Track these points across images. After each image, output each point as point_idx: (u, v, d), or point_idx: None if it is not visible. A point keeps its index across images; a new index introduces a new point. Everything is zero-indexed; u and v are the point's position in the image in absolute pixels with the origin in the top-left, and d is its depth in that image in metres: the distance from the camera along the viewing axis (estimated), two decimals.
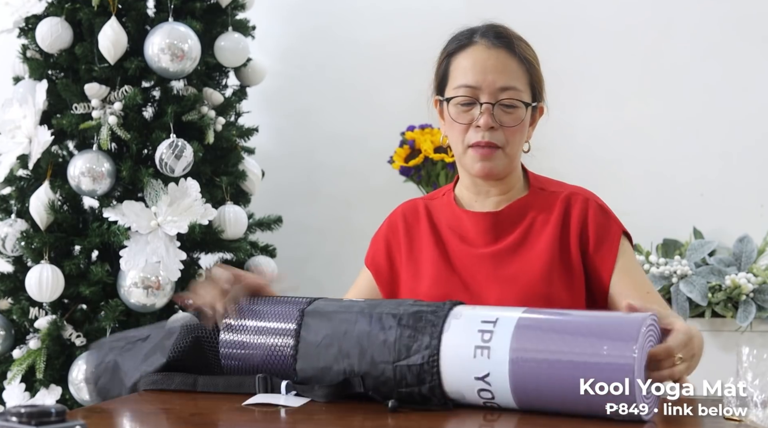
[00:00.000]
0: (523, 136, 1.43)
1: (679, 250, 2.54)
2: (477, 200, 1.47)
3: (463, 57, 1.43)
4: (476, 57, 1.42)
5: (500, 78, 1.40)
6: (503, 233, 1.43)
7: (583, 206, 1.43)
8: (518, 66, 1.42)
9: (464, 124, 1.41)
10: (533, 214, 1.44)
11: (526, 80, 1.42)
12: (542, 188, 1.47)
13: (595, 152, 2.61)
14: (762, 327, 2.33)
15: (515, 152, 1.43)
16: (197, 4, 2.35)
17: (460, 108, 1.41)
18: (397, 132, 2.62)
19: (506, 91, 1.40)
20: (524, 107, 1.41)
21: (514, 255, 1.41)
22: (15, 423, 0.75)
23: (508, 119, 1.40)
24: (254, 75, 2.52)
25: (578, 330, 1.04)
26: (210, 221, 2.24)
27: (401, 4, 2.88)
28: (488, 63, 1.41)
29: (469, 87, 1.40)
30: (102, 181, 2.21)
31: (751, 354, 1.00)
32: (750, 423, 0.96)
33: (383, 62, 2.86)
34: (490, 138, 1.39)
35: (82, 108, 2.25)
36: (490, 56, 1.41)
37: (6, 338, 2.25)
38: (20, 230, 2.24)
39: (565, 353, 1.01)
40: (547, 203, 1.44)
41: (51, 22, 2.27)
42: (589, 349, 1.00)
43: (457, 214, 1.47)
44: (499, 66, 1.41)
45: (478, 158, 1.40)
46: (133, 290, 2.15)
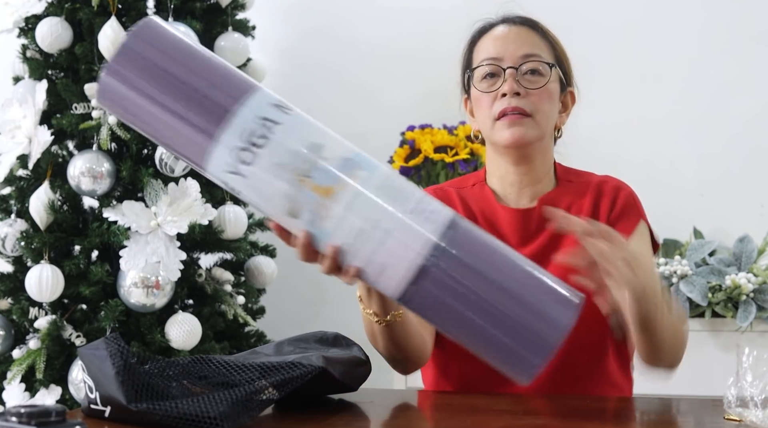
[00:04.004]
0: (552, 108, 1.39)
1: (679, 250, 2.55)
2: (511, 192, 1.43)
3: (484, 39, 1.42)
4: (496, 35, 1.41)
5: (522, 47, 1.38)
6: (536, 231, 1.40)
7: (614, 192, 1.41)
8: (540, 39, 1.40)
9: (490, 94, 1.37)
10: (564, 208, 1.39)
11: (551, 53, 1.40)
12: (570, 180, 1.44)
13: (595, 151, 2.61)
14: (762, 327, 2.33)
15: (545, 123, 1.38)
16: (197, 4, 2.35)
17: (484, 83, 1.38)
18: (397, 132, 2.62)
19: (529, 57, 1.37)
20: (549, 71, 1.38)
21: (550, 254, 1.34)
22: (15, 423, 0.75)
23: (535, 83, 1.37)
24: (254, 75, 2.52)
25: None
26: (210, 221, 2.24)
27: (401, 4, 2.88)
28: (509, 35, 1.39)
29: (491, 59, 1.38)
30: (102, 181, 2.21)
31: (750, 355, 1.00)
32: (750, 424, 0.96)
33: (383, 62, 2.86)
34: (517, 103, 1.35)
35: (82, 108, 2.25)
36: (510, 30, 1.40)
37: (6, 338, 2.25)
38: (20, 230, 2.24)
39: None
40: (577, 195, 1.42)
41: (51, 22, 2.27)
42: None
43: (494, 207, 1.42)
44: (520, 37, 1.39)
45: (506, 124, 1.36)
46: (133, 290, 2.15)
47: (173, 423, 0.93)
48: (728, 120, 2.66)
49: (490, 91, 1.38)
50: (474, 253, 0.96)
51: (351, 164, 0.96)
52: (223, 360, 1.07)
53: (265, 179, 0.95)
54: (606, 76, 2.69)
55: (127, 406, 0.94)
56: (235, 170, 0.96)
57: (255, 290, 2.41)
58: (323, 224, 0.96)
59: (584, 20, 2.74)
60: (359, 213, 0.95)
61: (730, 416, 0.99)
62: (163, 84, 0.98)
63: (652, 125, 2.71)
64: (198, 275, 2.27)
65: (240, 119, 0.96)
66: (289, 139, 0.96)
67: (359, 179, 0.95)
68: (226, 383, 1.02)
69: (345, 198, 0.94)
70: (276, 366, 1.04)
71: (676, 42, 2.72)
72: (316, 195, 0.94)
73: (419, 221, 0.95)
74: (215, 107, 0.97)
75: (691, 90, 2.69)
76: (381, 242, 0.94)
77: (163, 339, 2.15)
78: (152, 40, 1.02)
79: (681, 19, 2.72)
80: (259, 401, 0.99)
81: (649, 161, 2.68)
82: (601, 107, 2.68)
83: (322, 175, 0.95)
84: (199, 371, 1.04)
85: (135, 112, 1.01)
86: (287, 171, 0.94)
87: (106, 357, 0.98)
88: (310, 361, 1.07)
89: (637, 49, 2.74)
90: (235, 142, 0.95)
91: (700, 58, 2.69)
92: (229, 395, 0.96)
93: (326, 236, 0.96)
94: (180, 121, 0.98)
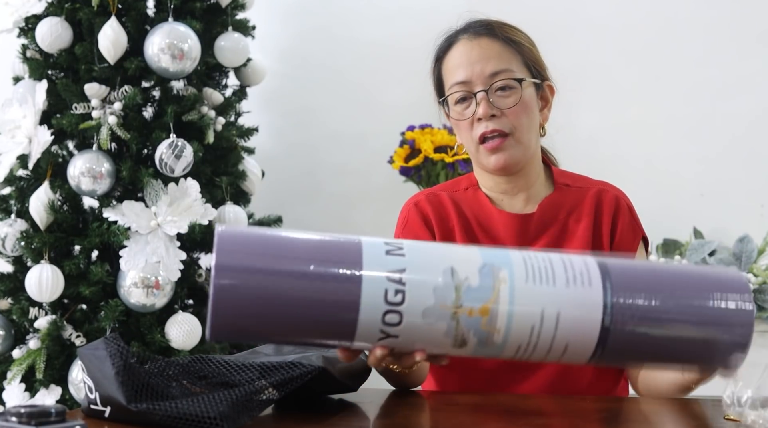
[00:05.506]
0: (531, 118, 1.38)
1: (679, 250, 2.55)
2: (504, 198, 1.43)
3: (449, 58, 1.41)
4: (460, 53, 1.39)
5: (488, 65, 1.36)
6: (535, 236, 1.39)
7: (614, 204, 1.40)
8: (504, 48, 1.38)
9: (466, 120, 1.37)
10: (564, 214, 1.40)
11: (518, 60, 1.38)
12: (567, 184, 1.44)
13: (595, 151, 2.61)
14: (762, 327, 2.33)
15: (527, 137, 1.37)
16: (197, 4, 2.35)
17: (458, 107, 1.39)
18: (397, 132, 2.62)
19: (497, 75, 1.36)
20: (519, 85, 1.36)
21: None
22: (15, 423, 0.75)
23: (508, 102, 1.35)
24: (254, 75, 2.52)
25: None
26: (210, 221, 2.24)
27: (401, 4, 2.88)
28: (472, 54, 1.38)
29: (460, 83, 1.38)
30: (102, 181, 2.21)
31: None
32: (750, 424, 0.96)
33: (383, 62, 2.86)
34: (495, 126, 1.35)
35: (82, 108, 2.25)
36: (473, 47, 1.38)
37: (6, 338, 2.25)
38: (20, 230, 2.24)
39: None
40: (576, 200, 1.41)
41: (51, 22, 2.27)
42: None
43: (489, 212, 1.42)
44: (484, 54, 1.37)
45: (489, 152, 1.36)
46: (133, 290, 2.15)
47: (173, 423, 0.93)
48: (728, 120, 2.66)
49: (464, 119, 1.38)
50: (637, 287, 0.95)
51: (488, 271, 0.93)
52: (223, 360, 1.06)
53: (420, 329, 0.91)
54: (606, 77, 2.69)
55: (126, 406, 0.94)
56: (386, 334, 0.92)
57: None
58: (494, 339, 0.93)
59: (584, 21, 2.74)
60: (521, 316, 0.92)
61: (730, 416, 0.99)
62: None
63: (652, 125, 2.71)
64: (198, 275, 2.27)
65: (367, 286, 0.90)
66: (421, 281, 0.91)
67: (505, 282, 0.93)
68: (226, 383, 1.02)
69: (502, 309, 0.92)
70: (276, 366, 1.04)
71: (675, 42, 2.72)
72: (475, 319, 0.91)
73: (579, 290, 0.93)
74: (344, 292, 0.91)
75: (691, 90, 2.69)
76: (556, 328, 0.92)
77: (163, 339, 2.15)
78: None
79: (680, 19, 2.73)
80: (259, 401, 0.99)
81: (650, 162, 2.69)
82: (601, 107, 2.68)
83: (471, 297, 0.92)
84: (199, 371, 1.04)
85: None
86: (437, 311, 0.91)
87: (105, 357, 0.97)
88: (310, 361, 1.07)
89: (636, 50, 2.74)
90: (376, 314, 0.91)
91: (699, 59, 2.69)
92: (229, 395, 0.96)
93: (499, 350, 0.94)
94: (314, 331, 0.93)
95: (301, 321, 0.91)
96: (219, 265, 0.89)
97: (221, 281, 0.89)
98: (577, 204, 1.41)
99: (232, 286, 0.89)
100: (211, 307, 0.89)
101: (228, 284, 0.89)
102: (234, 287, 0.89)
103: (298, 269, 0.90)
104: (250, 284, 0.89)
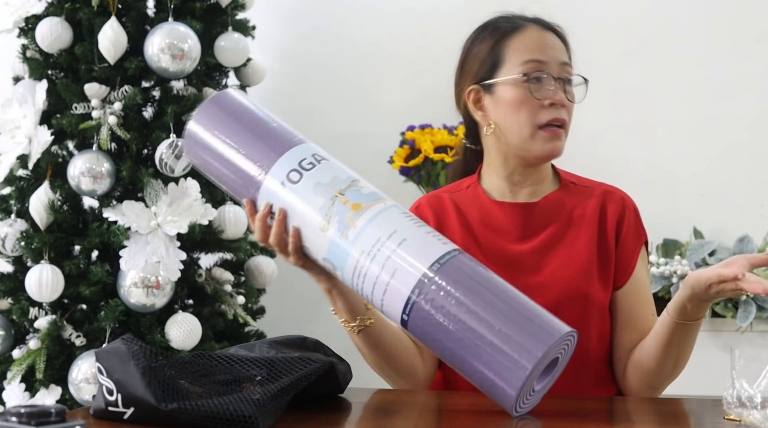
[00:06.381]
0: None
1: (679, 250, 2.55)
2: (511, 190, 1.42)
3: (520, 38, 1.39)
4: (536, 35, 1.39)
5: (561, 54, 1.39)
6: (539, 226, 1.39)
7: (620, 205, 1.41)
8: (567, 48, 1.42)
9: (534, 101, 1.34)
10: (569, 208, 1.40)
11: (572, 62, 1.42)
12: (573, 183, 1.44)
13: (595, 151, 2.61)
14: (762, 327, 2.33)
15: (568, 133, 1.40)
16: (197, 4, 2.35)
17: (532, 85, 1.35)
18: (397, 132, 2.62)
19: (566, 66, 1.38)
20: (585, 84, 1.40)
21: (552, 251, 1.37)
22: (15, 423, 0.75)
23: (577, 96, 1.39)
24: (254, 75, 2.52)
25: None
26: (210, 221, 2.24)
27: (401, 4, 2.88)
28: (547, 39, 1.39)
29: (538, 62, 1.36)
30: (102, 181, 2.21)
31: (741, 357, 1.00)
32: (749, 424, 0.96)
33: (383, 62, 2.86)
34: (561, 115, 1.36)
35: (82, 108, 2.25)
36: (546, 34, 1.40)
37: (6, 338, 2.25)
38: (20, 230, 2.24)
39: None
40: (581, 197, 1.42)
41: (51, 22, 2.27)
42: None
43: (488, 206, 1.41)
44: (557, 44, 1.40)
45: (547, 138, 1.35)
46: (133, 290, 2.15)
47: (204, 423, 0.92)
48: (728, 121, 2.66)
49: (533, 99, 1.35)
50: (462, 284, 1.04)
51: (379, 196, 1.13)
52: (225, 355, 1.06)
53: (305, 194, 1.12)
54: (607, 77, 2.69)
55: (157, 406, 0.92)
56: (283, 183, 1.14)
57: (255, 290, 2.41)
58: (348, 233, 1.09)
59: (585, 21, 2.74)
60: (377, 225, 1.09)
61: (730, 416, 0.99)
62: (246, 124, 1.19)
63: (652, 126, 2.71)
64: (198, 275, 2.27)
65: (296, 151, 1.16)
66: (331, 169, 1.15)
67: (385, 203, 1.12)
68: (230, 380, 1.01)
69: (370, 213, 1.09)
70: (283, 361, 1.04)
71: (675, 42, 2.72)
72: (347, 208, 1.10)
73: (429, 239, 1.08)
74: (284, 141, 1.17)
75: (692, 91, 2.69)
76: (394, 250, 1.06)
77: (163, 339, 2.15)
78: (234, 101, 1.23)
79: (680, 19, 2.72)
80: (286, 398, 0.99)
81: (650, 162, 2.68)
82: (601, 107, 2.68)
83: (355, 195, 1.12)
84: (202, 367, 1.03)
85: (227, 135, 1.19)
86: (326, 189, 1.12)
87: (128, 357, 0.96)
88: (318, 358, 1.07)
89: (636, 50, 2.73)
90: (290, 164, 1.14)
91: (700, 59, 2.69)
92: (260, 392, 0.95)
93: (349, 245, 1.09)
94: (255, 144, 1.17)
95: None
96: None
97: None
98: (583, 202, 1.41)
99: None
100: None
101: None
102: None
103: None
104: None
